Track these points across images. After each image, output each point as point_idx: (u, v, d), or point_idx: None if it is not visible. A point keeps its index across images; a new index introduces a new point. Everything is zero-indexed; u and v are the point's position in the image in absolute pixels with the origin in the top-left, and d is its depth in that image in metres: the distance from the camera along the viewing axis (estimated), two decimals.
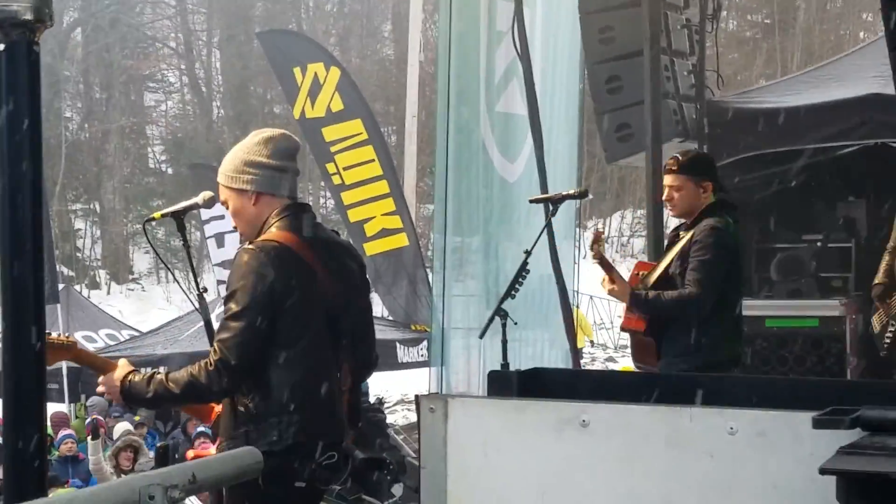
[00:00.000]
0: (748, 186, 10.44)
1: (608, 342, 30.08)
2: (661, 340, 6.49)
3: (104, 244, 41.58)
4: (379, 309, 18.88)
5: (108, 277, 40.12)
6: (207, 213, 16.71)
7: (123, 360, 4.58)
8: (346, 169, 16.67)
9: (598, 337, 30.04)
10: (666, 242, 7.04)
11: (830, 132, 9.78)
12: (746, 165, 10.37)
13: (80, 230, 41.92)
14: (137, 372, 4.53)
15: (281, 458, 4.13)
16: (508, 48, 9.72)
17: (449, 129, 9.43)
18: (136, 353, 16.38)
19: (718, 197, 6.58)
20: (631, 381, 3.31)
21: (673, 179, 6.51)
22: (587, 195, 9.34)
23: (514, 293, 7.58)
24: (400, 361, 16.31)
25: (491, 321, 7.64)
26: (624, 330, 7.22)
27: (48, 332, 4.32)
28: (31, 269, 3.75)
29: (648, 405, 2.67)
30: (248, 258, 4.31)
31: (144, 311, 30.74)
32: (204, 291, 5.27)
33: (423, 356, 14.56)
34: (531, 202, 8.42)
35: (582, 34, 10.49)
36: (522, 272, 7.54)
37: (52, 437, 15.26)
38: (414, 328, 16.17)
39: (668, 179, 6.63)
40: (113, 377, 4.47)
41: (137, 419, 15.76)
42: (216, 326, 4.54)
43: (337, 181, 16.90)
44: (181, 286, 5.20)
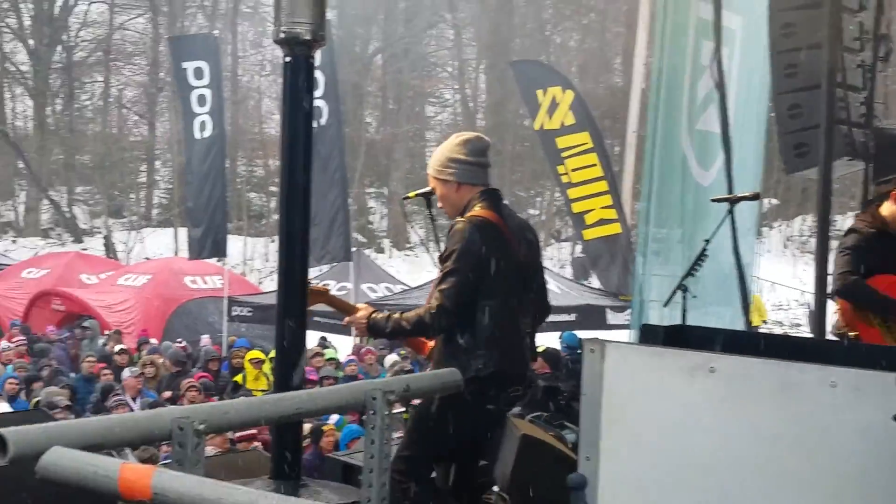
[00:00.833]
0: None
1: (784, 320, 29.16)
2: None
3: (389, 220, 42.44)
4: (595, 280, 18.87)
5: (390, 245, 40.92)
6: None
7: (364, 304, 4.72)
8: (573, 170, 16.81)
9: (776, 316, 29.19)
10: None
11: None
12: None
13: (372, 208, 42.95)
14: (379, 311, 4.62)
15: (480, 384, 4.18)
16: (708, 79, 9.64)
17: (656, 142, 9.43)
18: (405, 302, 16.73)
19: None
20: (755, 340, 3.22)
21: None
22: (759, 198, 9.20)
23: (694, 272, 7.49)
24: (608, 323, 16.57)
25: (673, 294, 7.56)
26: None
27: (308, 280, 4.48)
28: (300, 228, 3.89)
29: (766, 359, 2.60)
30: (461, 228, 4.38)
31: (415, 272, 31.20)
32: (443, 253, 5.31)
33: (626, 321, 14.45)
34: (711, 201, 8.32)
35: (771, 70, 10.26)
36: (701, 256, 7.46)
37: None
38: (621, 298, 16.15)
39: None
40: (358, 316, 4.59)
41: (402, 353, 16.11)
42: None
43: (565, 180, 17.05)
44: (428, 252, 5.26)
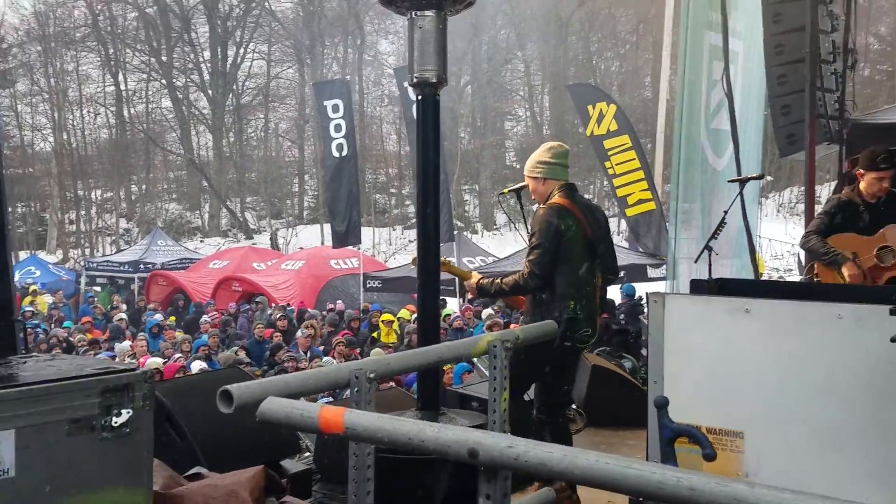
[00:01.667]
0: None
1: (780, 267, 28.62)
2: None
3: (480, 209, 42.41)
4: (637, 246, 18.71)
5: (481, 227, 40.92)
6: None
7: (475, 271, 4.79)
8: (617, 164, 16.60)
9: (773, 264, 28.63)
10: None
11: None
12: None
13: (467, 200, 42.94)
14: (486, 277, 4.73)
15: (563, 326, 4.22)
16: (720, 90, 9.54)
17: (682, 139, 9.36)
18: (495, 269, 16.85)
19: None
20: (776, 286, 3.20)
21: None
22: (764, 177, 9.14)
23: (716, 236, 7.38)
24: (648, 276, 16.54)
25: (702, 253, 7.46)
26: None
27: (447, 258, 4.56)
28: (433, 226, 3.97)
29: (787, 300, 2.59)
30: (542, 212, 4.49)
31: (501, 246, 31.19)
32: (531, 233, 5.33)
33: (662, 273, 14.40)
34: (729, 182, 8.23)
35: (766, 80, 10.14)
36: (721, 224, 7.34)
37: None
38: (658, 258, 16.06)
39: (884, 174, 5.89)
40: (471, 281, 4.72)
41: (495, 309, 16.20)
42: None
43: (611, 172, 16.87)
44: (520, 233, 5.30)
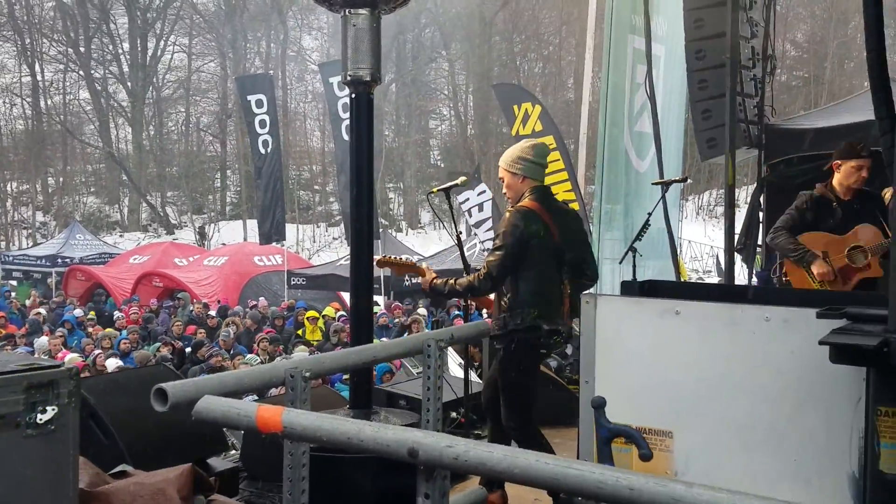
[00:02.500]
0: (790, 175, 10.18)
1: (699, 268, 29.31)
2: None
3: (404, 207, 42.38)
4: None
5: (406, 225, 40.90)
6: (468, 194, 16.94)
7: (429, 266, 4.66)
8: None
9: (692, 265, 29.28)
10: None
11: (843, 143, 9.36)
12: (790, 162, 10.10)
13: (391, 198, 42.86)
14: (438, 277, 4.56)
15: (525, 333, 4.19)
16: (642, 93, 9.63)
17: (606, 141, 9.41)
18: None
19: None
20: (706, 289, 3.25)
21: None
22: (687, 180, 9.26)
23: (640, 238, 7.47)
24: None
25: (626, 254, 7.55)
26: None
27: (399, 256, 4.48)
28: (366, 223, 3.92)
29: (716, 302, 2.63)
30: (510, 215, 4.37)
31: (425, 245, 31.21)
32: (459, 234, 5.28)
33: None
34: (653, 184, 8.32)
35: (688, 84, 10.30)
36: (645, 226, 7.43)
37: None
38: None
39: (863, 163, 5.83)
40: (426, 278, 4.54)
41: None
42: (467, 255, 4.68)
43: None
44: (448, 232, 5.24)
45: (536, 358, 4.37)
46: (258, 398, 6.64)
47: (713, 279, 24.42)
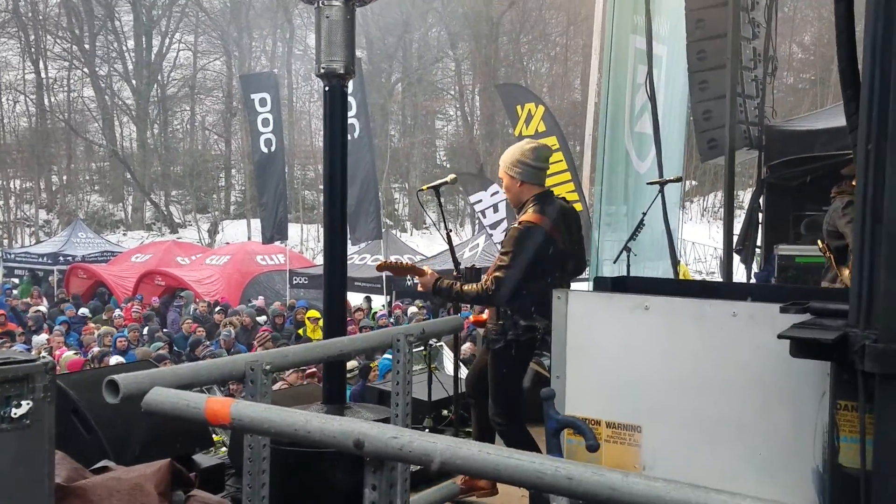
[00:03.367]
0: (790, 176, 10.25)
1: (703, 269, 29.27)
2: None
3: (409, 207, 42.42)
4: None
5: (410, 226, 40.94)
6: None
7: (430, 269, 4.57)
8: None
9: (696, 266, 29.23)
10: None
11: (841, 144, 9.38)
12: (789, 164, 10.15)
13: (396, 199, 42.92)
14: (443, 279, 4.48)
15: (525, 333, 4.20)
16: (643, 94, 9.66)
17: (607, 141, 9.45)
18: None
19: None
20: (676, 284, 3.26)
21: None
22: (681, 180, 9.31)
23: (634, 237, 7.51)
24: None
25: (620, 254, 7.59)
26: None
27: (399, 258, 4.47)
28: (339, 217, 3.94)
29: (685, 298, 2.64)
30: (517, 233, 4.26)
31: (430, 245, 31.21)
32: (449, 232, 5.19)
33: (586, 274, 14.57)
34: (648, 184, 8.35)
35: (689, 85, 10.33)
36: (640, 225, 7.47)
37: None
38: None
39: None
40: (427, 278, 4.44)
41: (419, 305, 16.21)
42: (457, 254, 4.65)
43: None
44: (440, 232, 5.20)
45: (530, 357, 4.39)
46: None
47: (717, 280, 24.36)
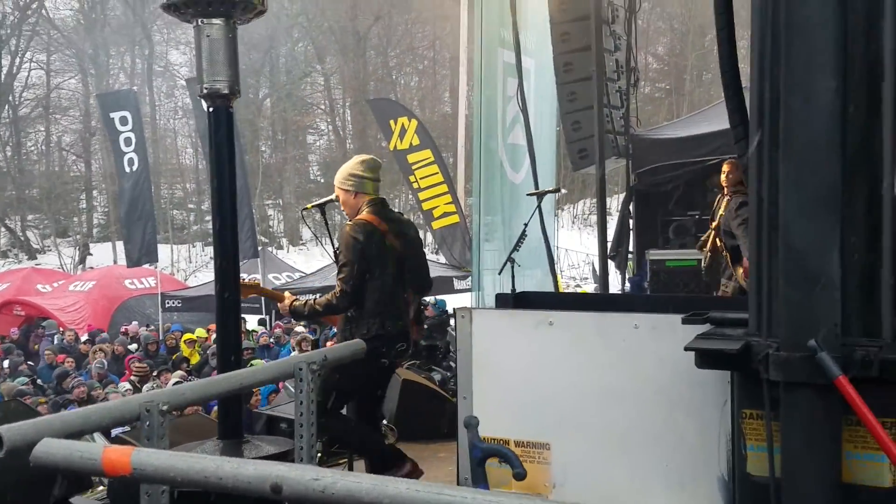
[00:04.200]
0: (657, 183, 10.63)
1: (576, 276, 30.01)
2: None
3: (284, 224, 41.76)
4: (443, 258, 18.96)
5: (287, 243, 40.30)
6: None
7: (287, 292, 4.68)
8: (421, 178, 16.74)
9: (570, 273, 29.94)
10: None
11: (703, 151, 9.80)
12: (655, 171, 10.50)
13: (271, 215, 42.17)
14: (297, 299, 4.62)
15: (370, 343, 4.15)
16: (514, 106, 9.76)
17: (482, 154, 9.50)
18: (303, 286, 16.60)
19: None
20: (577, 298, 3.28)
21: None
22: (560, 191, 9.48)
23: (518, 248, 7.56)
24: (455, 288, 16.77)
25: (504, 265, 7.62)
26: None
27: (242, 277, 4.39)
28: (231, 242, 3.79)
29: (587, 312, 2.64)
30: (348, 230, 4.42)
31: (308, 262, 30.79)
32: (336, 249, 5.23)
33: (468, 285, 14.63)
34: (528, 195, 8.44)
35: (558, 97, 10.56)
36: (522, 236, 7.52)
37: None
38: (464, 269, 16.28)
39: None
40: (284, 303, 4.57)
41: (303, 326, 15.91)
42: None
43: (416, 186, 16.98)
44: (325, 249, 5.19)
45: (374, 366, 4.39)
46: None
47: (590, 286, 25.00)
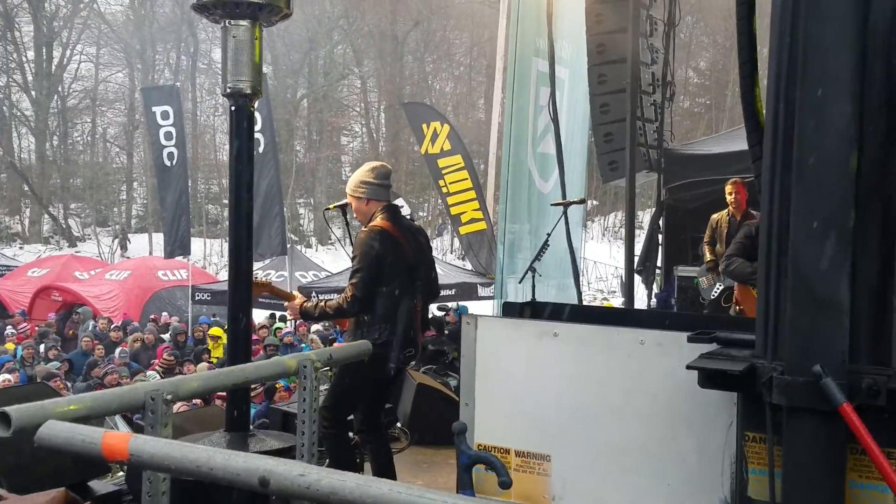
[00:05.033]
0: (687, 199, 10.50)
1: (604, 288, 29.73)
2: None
3: (315, 223, 41.96)
4: (468, 264, 18.92)
5: (316, 242, 40.50)
6: None
7: (297, 292, 4.68)
8: (451, 183, 16.71)
9: (597, 285, 29.70)
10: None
11: (736, 168, 9.64)
12: (688, 186, 10.41)
13: (302, 214, 42.43)
14: (308, 300, 4.61)
15: (379, 349, 4.14)
16: (546, 115, 9.72)
17: (510, 162, 9.50)
18: (329, 285, 16.64)
19: None
20: (586, 311, 3.24)
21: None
22: (585, 202, 9.41)
23: (539, 258, 7.53)
24: (479, 295, 16.77)
25: (526, 273, 7.60)
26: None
27: (256, 275, 4.40)
28: (245, 238, 3.81)
29: (594, 325, 2.60)
30: (364, 236, 4.41)
31: (336, 261, 30.87)
32: (352, 254, 5.24)
33: (492, 293, 14.57)
34: (552, 205, 8.41)
35: (590, 108, 10.48)
36: (545, 246, 7.49)
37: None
38: (488, 276, 16.21)
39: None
40: (294, 303, 4.56)
41: (325, 325, 15.96)
42: None
43: (445, 191, 16.96)
44: (345, 249, 5.19)
45: (383, 372, 4.39)
46: None
47: (617, 300, 24.79)
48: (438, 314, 14.20)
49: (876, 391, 1.88)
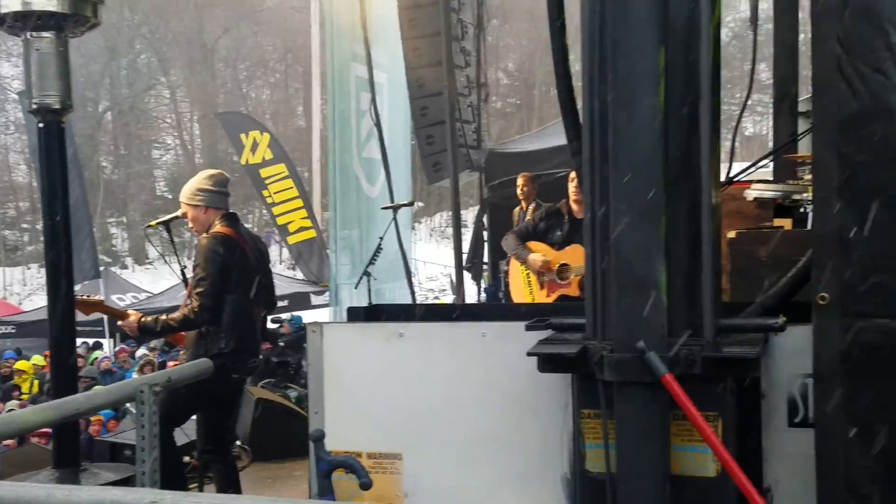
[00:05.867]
0: (509, 195, 10.85)
1: (434, 287, 30.27)
2: None
3: (129, 242, 40.21)
4: (300, 274, 18.74)
5: (132, 261, 38.82)
6: None
7: (132, 310, 4.53)
8: (275, 193, 16.53)
9: (428, 285, 30.16)
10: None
11: (552, 164, 10.10)
12: (509, 183, 10.75)
13: (114, 234, 40.53)
14: (146, 316, 4.47)
15: (223, 359, 4.10)
16: (368, 120, 9.79)
17: (336, 168, 9.48)
18: (150, 306, 15.99)
19: None
20: (428, 309, 3.34)
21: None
22: (414, 204, 9.56)
23: (374, 261, 7.60)
24: (312, 304, 16.54)
25: (361, 278, 7.65)
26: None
27: (84, 294, 4.22)
28: (64, 263, 3.64)
29: (437, 322, 2.70)
30: (206, 242, 4.33)
31: (156, 281, 29.69)
32: (184, 268, 5.13)
33: (326, 300, 14.52)
34: (382, 209, 8.49)
35: (411, 111, 10.65)
36: (378, 249, 7.58)
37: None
38: (321, 285, 16.13)
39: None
40: (130, 320, 4.37)
41: (151, 347, 15.38)
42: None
43: (270, 201, 16.75)
44: (171, 267, 5.05)
45: (226, 383, 4.33)
46: None
47: (448, 298, 25.25)
48: (272, 326, 13.99)
49: (692, 360, 2.08)
